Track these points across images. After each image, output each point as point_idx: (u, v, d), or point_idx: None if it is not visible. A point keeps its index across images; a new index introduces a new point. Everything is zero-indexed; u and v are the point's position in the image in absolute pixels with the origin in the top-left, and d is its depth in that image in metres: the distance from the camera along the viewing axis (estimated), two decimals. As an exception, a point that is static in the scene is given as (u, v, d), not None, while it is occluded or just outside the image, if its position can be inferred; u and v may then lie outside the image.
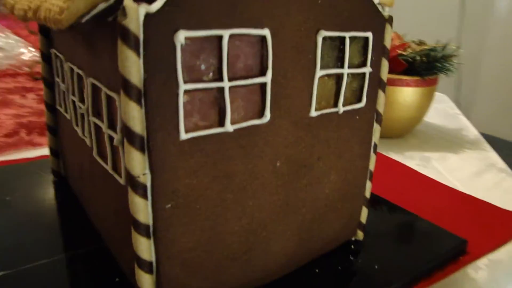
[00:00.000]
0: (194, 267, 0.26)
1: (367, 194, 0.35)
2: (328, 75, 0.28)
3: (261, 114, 0.25)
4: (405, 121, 0.61)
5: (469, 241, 0.37)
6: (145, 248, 0.23)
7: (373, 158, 0.34)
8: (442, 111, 0.76)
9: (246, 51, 0.24)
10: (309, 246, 0.32)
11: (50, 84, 0.42)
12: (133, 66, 0.20)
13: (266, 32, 0.24)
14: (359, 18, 0.29)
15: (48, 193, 0.40)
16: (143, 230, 0.23)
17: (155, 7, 0.20)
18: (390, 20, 0.31)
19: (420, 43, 0.63)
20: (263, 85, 0.25)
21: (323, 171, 0.30)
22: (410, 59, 0.59)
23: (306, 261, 0.33)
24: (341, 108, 0.29)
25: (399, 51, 0.58)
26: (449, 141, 0.62)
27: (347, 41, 0.28)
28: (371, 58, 0.30)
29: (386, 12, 0.31)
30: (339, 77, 0.29)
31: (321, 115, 0.28)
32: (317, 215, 0.31)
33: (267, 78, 0.24)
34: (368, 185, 0.35)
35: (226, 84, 0.23)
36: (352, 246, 0.35)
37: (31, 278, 0.30)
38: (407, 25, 0.72)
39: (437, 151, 0.59)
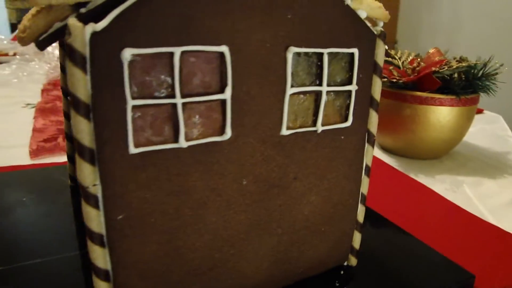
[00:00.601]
0: (154, 279, 0.25)
1: (360, 218, 0.33)
2: (305, 93, 0.27)
3: (222, 131, 0.25)
4: (440, 142, 0.56)
5: (479, 276, 0.33)
6: (99, 256, 0.24)
7: (365, 181, 0.32)
8: (490, 132, 0.69)
9: (203, 67, 0.23)
10: (289, 268, 0.30)
11: (67, 94, 0.45)
12: (79, 83, 0.21)
13: (223, 49, 0.23)
14: (341, 34, 0.27)
15: (62, 196, 0.42)
16: (97, 239, 0.23)
17: (100, 25, 0.21)
18: (382, 35, 0.29)
19: (461, 59, 0.58)
20: (223, 102, 0.24)
21: (301, 192, 0.29)
22: (447, 76, 0.55)
23: (287, 284, 0.31)
24: (319, 127, 0.28)
25: (434, 69, 0.54)
26: (489, 165, 0.56)
27: (325, 58, 0.27)
28: (358, 76, 0.29)
29: (378, 27, 0.29)
30: (318, 95, 0.27)
31: (296, 134, 0.27)
32: (296, 237, 0.30)
33: (226, 95, 0.24)
34: (361, 208, 0.33)
35: (178, 100, 0.23)
36: (342, 272, 0.33)
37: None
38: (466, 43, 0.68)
39: (472, 175, 0.53)
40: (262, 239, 0.28)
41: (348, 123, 0.29)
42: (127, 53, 0.21)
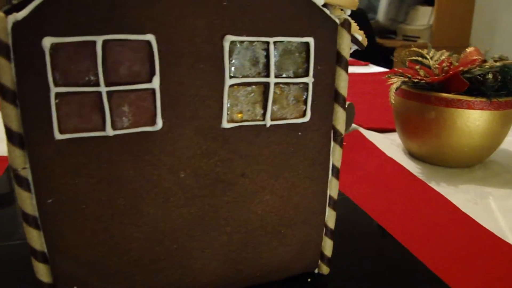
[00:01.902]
0: (91, 266, 0.25)
1: (330, 223, 0.30)
2: (250, 84, 0.25)
3: (153, 121, 0.24)
4: (469, 149, 0.49)
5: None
6: (35, 238, 0.24)
7: (334, 183, 0.29)
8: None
9: (131, 56, 0.22)
10: (243, 270, 0.28)
11: None
12: (4, 70, 0.21)
13: (149, 37, 0.22)
14: (291, 21, 0.25)
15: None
16: (31, 221, 0.24)
17: (21, 15, 0.21)
18: (345, 24, 0.26)
19: (500, 59, 0.51)
20: (154, 92, 0.23)
21: (252, 190, 0.27)
22: (479, 77, 0.49)
23: (244, 286, 0.29)
24: (268, 122, 0.26)
25: (463, 68, 0.48)
26: (527, 178, 0.48)
27: (272, 47, 0.24)
28: (316, 67, 0.26)
29: (342, 15, 0.26)
30: (266, 88, 0.25)
31: (240, 127, 0.25)
32: (250, 237, 0.28)
33: (154, 85, 0.23)
34: (330, 213, 0.30)
35: (103, 89, 0.22)
36: (309, 279, 0.30)
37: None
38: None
39: (502, 188, 0.46)
40: (208, 236, 0.27)
41: (306, 118, 0.26)
42: (47, 42, 0.21)
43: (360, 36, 0.28)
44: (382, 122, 0.72)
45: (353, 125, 0.72)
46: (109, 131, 0.23)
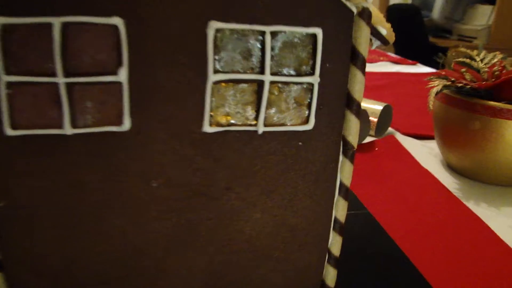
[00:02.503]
0: (52, 278, 0.22)
1: (334, 250, 0.25)
2: (240, 82, 0.20)
3: (120, 121, 0.20)
4: (520, 166, 0.42)
5: None
6: (-12, 244, 0.21)
7: (341, 203, 0.24)
8: None
9: (96, 43, 0.19)
10: (228, 295, 0.24)
11: None
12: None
13: (116, 21, 0.18)
14: (295, 7, 0.20)
15: None
16: (-16, 225, 0.21)
17: (-34, -13, 0.18)
18: (364, 13, 0.21)
19: None
20: (122, 86, 0.19)
21: (239, 206, 0.22)
22: (539, 83, 0.41)
23: (229, 313, 0.25)
24: (261, 127, 0.21)
25: (519, 72, 0.41)
26: None
27: (268, 38, 0.20)
28: (324, 65, 0.21)
29: (361, 2, 0.21)
30: (260, 87, 0.21)
31: (226, 132, 0.21)
32: (236, 260, 0.23)
33: (121, 77, 0.19)
34: (335, 238, 0.24)
35: (60, 80, 0.18)
36: (305, 313, 0.26)
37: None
38: None
39: (555, 216, 0.39)
40: (186, 256, 0.23)
41: (309, 125, 0.22)
42: (-4, 21, 0.18)
43: (384, 29, 0.22)
44: (423, 128, 0.65)
45: (389, 129, 0.65)
46: (68, 129, 0.19)
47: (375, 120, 0.60)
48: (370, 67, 1.18)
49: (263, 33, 0.20)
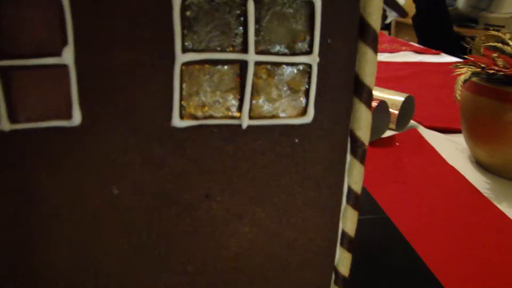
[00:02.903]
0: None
1: (342, 269, 0.20)
2: (217, 63, 0.16)
3: (69, 113, 0.16)
4: None
5: None
6: None
7: (349, 213, 0.19)
8: None
9: (33, 17, 0.15)
10: (214, 321, 0.20)
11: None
12: None
13: (53, -16, 0.14)
14: (286, -32, 0.15)
15: None
16: None
17: None
18: (377, -26, 0.16)
19: None
20: (69, 70, 0.15)
21: (222, 218, 0.18)
22: None
23: None
24: (246, 120, 0.17)
25: None
26: None
27: (251, 5, 0.15)
28: (324, 41, 0.16)
29: (371, -39, 0.16)
30: (243, 68, 0.16)
31: (202, 127, 0.17)
32: (221, 281, 0.19)
33: (66, 59, 0.15)
34: (343, 255, 0.20)
35: (-10, 61, 0.15)
36: None
37: None
38: None
39: None
40: (160, 277, 0.19)
41: (307, 118, 0.17)
42: None
43: (402, -4, 0.18)
44: (448, 121, 0.59)
45: (412, 122, 0.59)
46: (5, 125, 0.15)
47: (396, 112, 0.55)
48: (391, 57, 1.12)
49: (244, 1, 0.15)
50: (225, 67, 0.16)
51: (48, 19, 0.15)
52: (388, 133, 0.54)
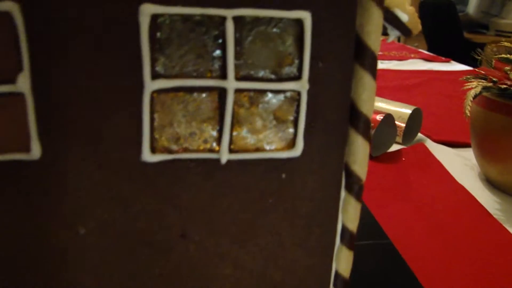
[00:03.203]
0: None
1: (337, 314, 0.18)
2: (200, 90, 0.14)
3: (27, 146, 0.14)
4: None
5: None
6: None
7: (344, 254, 0.17)
8: None
9: (-16, 37, 0.13)
10: None
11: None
12: None
13: (10, 6, 0.12)
14: (270, -16, 0.14)
15: None
16: None
17: None
18: (376, -10, 0.14)
19: None
20: (25, 98, 0.14)
21: (201, 259, 0.16)
22: None
23: None
24: (225, 154, 0.15)
25: None
26: None
27: (230, 27, 0.14)
28: (315, 65, 0.14)
29: (368, -25, 0.14)
30: (222, 96, 0.15)
31: (175, 162, 0.15)
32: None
33: (22, 87, 0.13)
34: (338, 298, 0.18)
35: None
36: None
37: None
38: None
39: None
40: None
41: (296, 151, 0.15)
42: None
43: (405, 13, 0.16)
44: (457, 134, 0.56)
45: (419, 136, 0.57)
46: (-46, 159, 0.14)
47: (403, 125, 0.53)
48: (400, 65, 1.09)
49: (223, 19, 0.13)
50: (202, 95, 0.14)
51: (8, 42, 0.13)
52: (394, 147, 0.51)
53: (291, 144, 0.15)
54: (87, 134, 0.14)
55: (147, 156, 0.14)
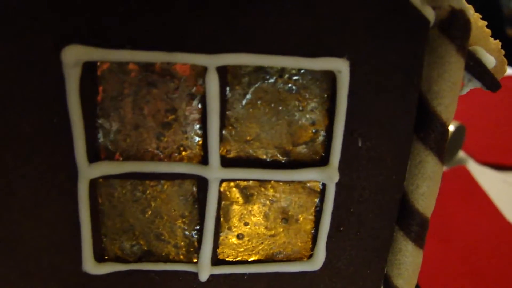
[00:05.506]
0: None
1: None
2: (168, 177, 0.09)
3: None
4: None
5: None
6: None
7: None
8: None
9: None
10: None
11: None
12: None
13: None
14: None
15: None
16: None
17: None
18: (453, 25, 0.08)
19: None
20: None
21: None
22: None
23: None
24: (206, 268, 0.09)
25: None
26: None
27: (212, 81, 0.08)
28: (353, 142, 0.09)
29: (444, 3, 0.08)
30: (201, 185, 0.09)
31: (133, 273, 0.10)
32: None
33: None
34: None
35: None
36: None
37: None
38: None
39: None
40: None
41: (315, 263, 0.10)
42: None
43: (490, 56, 0.10)
44: (506, 154, 0.49)
45: (460, 155, 0.50)
46: None
47: (442, 142, 0.46)
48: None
49: (204, 69, 0.08)
50: (175, 186, 0.09)
51: None
52: (431, 167, 0.45)
53: (308, 253, 0.10)
54: (10, 238, 0.09)
55: (89, 267, 0.09)
